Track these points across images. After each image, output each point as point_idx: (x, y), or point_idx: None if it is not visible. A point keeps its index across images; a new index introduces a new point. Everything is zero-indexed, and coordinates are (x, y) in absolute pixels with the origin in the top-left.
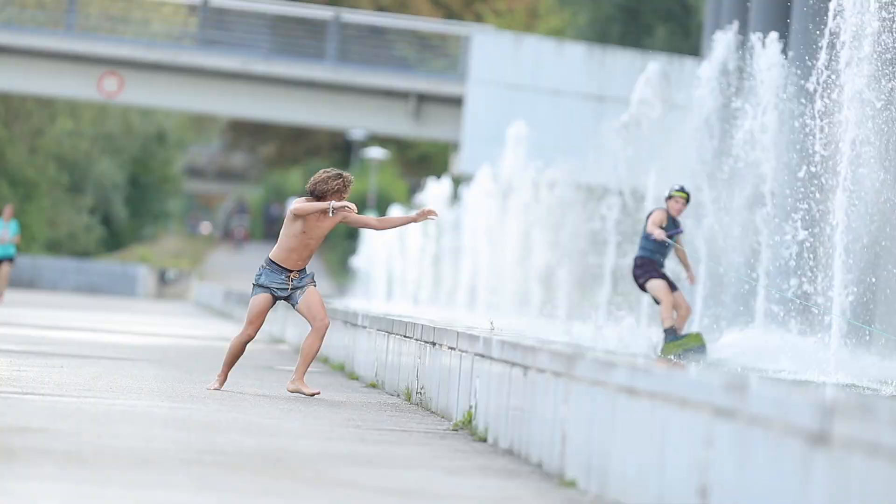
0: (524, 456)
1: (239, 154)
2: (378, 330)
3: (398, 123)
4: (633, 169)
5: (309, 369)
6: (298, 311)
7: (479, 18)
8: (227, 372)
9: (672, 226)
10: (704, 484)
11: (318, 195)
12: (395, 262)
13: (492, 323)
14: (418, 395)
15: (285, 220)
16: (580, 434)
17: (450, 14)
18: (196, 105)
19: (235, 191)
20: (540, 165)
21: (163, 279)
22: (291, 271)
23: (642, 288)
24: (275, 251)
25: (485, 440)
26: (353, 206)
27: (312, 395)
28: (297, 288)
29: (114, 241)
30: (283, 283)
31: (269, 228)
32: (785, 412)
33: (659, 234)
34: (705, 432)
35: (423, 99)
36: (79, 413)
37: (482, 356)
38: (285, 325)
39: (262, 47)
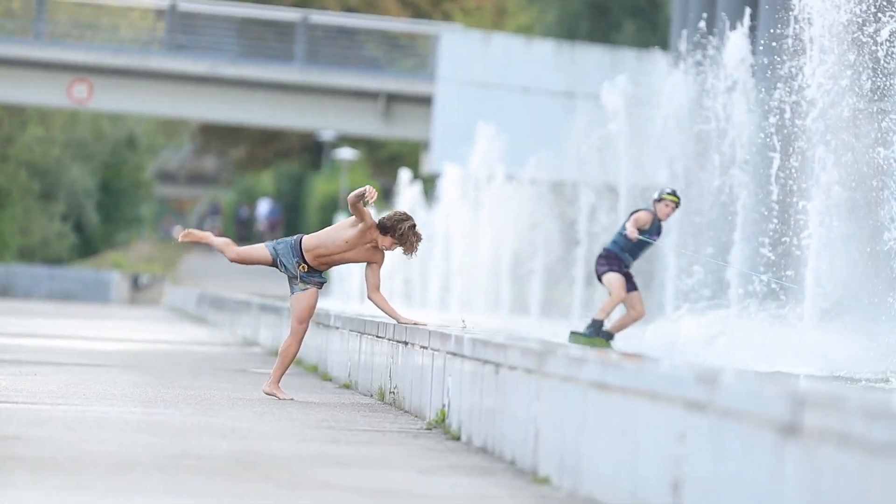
0: (497, 453)
1: (210, 157)
2: (351, 330)
3: (368, 124)
4: (605, 165)
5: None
6: (290, 301)
7: (447, 17)
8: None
9: (655, 230)
10: (677, 478)
11: (385, 229)
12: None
13: (464, 321)
14: (391, 395)
15: (343, 223)
16: (553, 431)
17: (418, 13)
18: (166, 109)
19: (207, 194)
20: (511, 163)
21: (136, 285)
22: (307, 264)
23: (600, 279)
24: (310, 237)
25: (458, 438)
26: (374, 192)
27: (287, 400)
28: (303, 280)
29: (86, 247)
30: (292, 266)
31: (240, 231)
32: (756, 404)
33: (633, 234)
34: (678, 426)
35: (392, 99)
36: (53, 420)
37: (454, 354)
38: (258, 327)
39: (230, 50)
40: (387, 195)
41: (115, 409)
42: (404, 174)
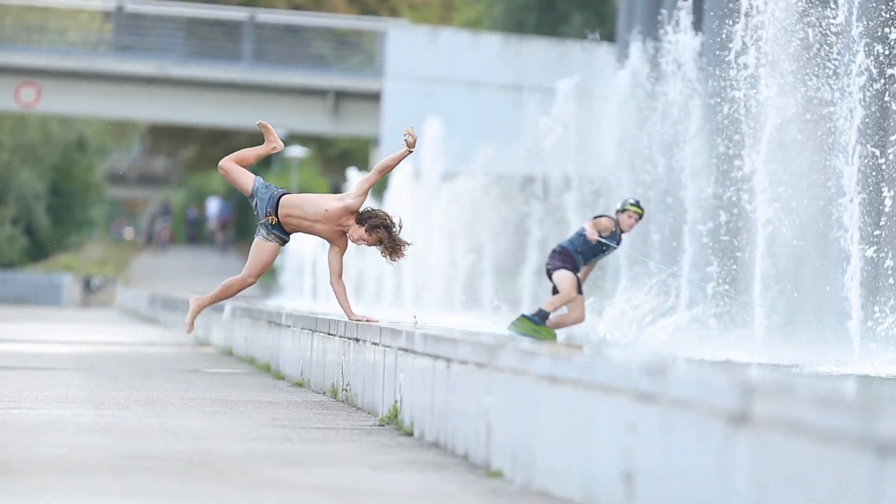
0: (450, 448)
1: (160, 158)
2: (302, 328)
3: (317, 121)
4: (555, 159)
5: (235, 371)
6: (252, 246)
7: (394, 13)
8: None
9: (614, 240)
10: (629, 469)
11: (361, 220)
12: (319, 262)
13: (415, 317)
14: (344, 392)
15: (332, 195)
16: (505, 424)
17: (365, 10)
18: (114, 111)
19: (158, 195)
20: (459, 157)
21: (88, 287)
22: (277, 218)
23: (549, 275)
24: (291, 197)
25: (411, 434)
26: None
27: (189, 329)
28: (267, 230)
29: (37, 250)
30: (262, 212)
31: (190, 231)
32: (706, 394)
33: (592, 235)
34: (628, 417)
35: (341, 96)
36: (5, 424)
37: (405, 350)
38: (210, 327)
39: (177, 51)
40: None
41: (68, 411)
42: (352, 173)
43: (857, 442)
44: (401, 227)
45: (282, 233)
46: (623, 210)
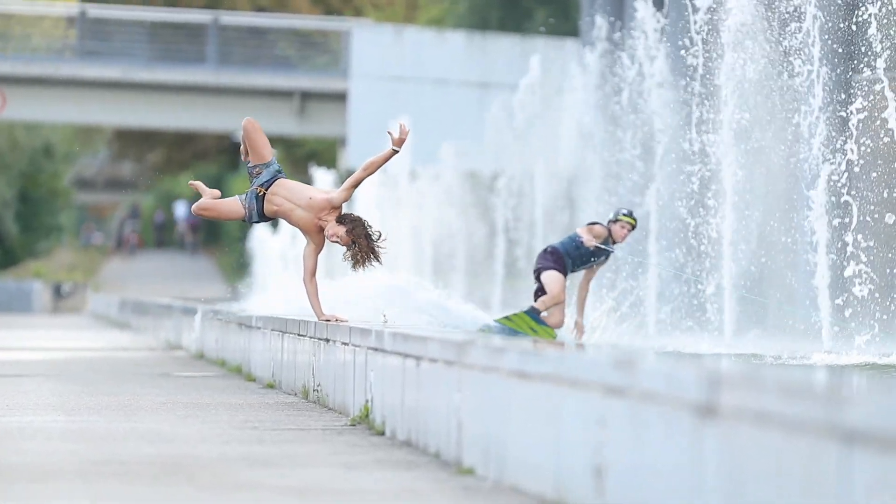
0: (422, 446)
1: (127, 163)
2: (272, 330)
3: (284, 122)
4: (521, 154)
5: (206, 374)
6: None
7: (358, 13)
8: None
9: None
10: (600, 463)
11: (341, 220)
12: (290, 262)
13: (384, 316)
14: (315, 393)
15: (321, 188)
16: (476, 421)
17: (329, 10)
18: (80, 116)
19: (126, 199)
20: (426, 155)
21: (58, 293)
22: (265, 191)
23: (538, 274)
24: (286, 181)
25: (383, 433)
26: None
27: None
28: (249, 197)
29: (7, 257)
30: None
31: (158, 235)
32: (674, 387)
33: (590, 242)
34: (598, 412)
35: (306, 97)
36: None
37: (375, 350)
38: (181, 331)
39: (142, 55)
40: None
41: (39, 418)
42: (318, 173)
43: (823, 431)
44: (380, 239)
45: (258, 211)
46: (616, 220)
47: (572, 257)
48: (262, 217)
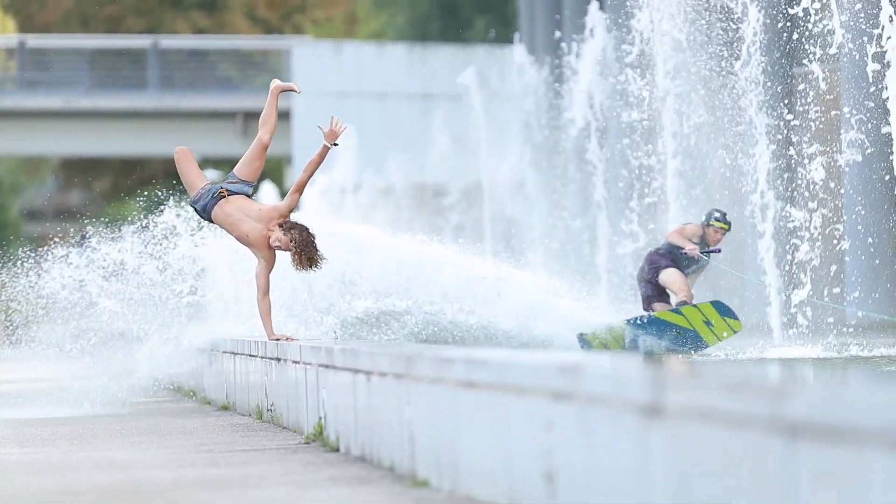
0: (376, 461)
1: (75, 191)
2: (223, 352)
3: (228, 143)
4: (466, 163)
5: (160, 399)
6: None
7: (298, 30)
8: None
9: (704, 247)
10: (550, 468)
11: (285, 226)
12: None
13: (335, 332)
14: (269, 413)
15: (270, 205)
16: (427, 433)
17: (269, 29)
18: (24, 148)
19: (76, 228)
20: (372, 169)
21: (12, 323)
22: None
23: (654, 276)
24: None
25: (337, 450)
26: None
27: None
28: (210, 195)
29: None
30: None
31: None
32: (619, 388)
33: (693, 251)
34: (546, 417)
35: (250, 116)
36: None
37: (326, 366)
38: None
39: (83, 83)
40: None
41: None
42: (265, 186)
43: (767, 425)
44: (318, 253)
45: (207, 207)
46: (708, 225)
47: (679, 256)
48: (207, 213)
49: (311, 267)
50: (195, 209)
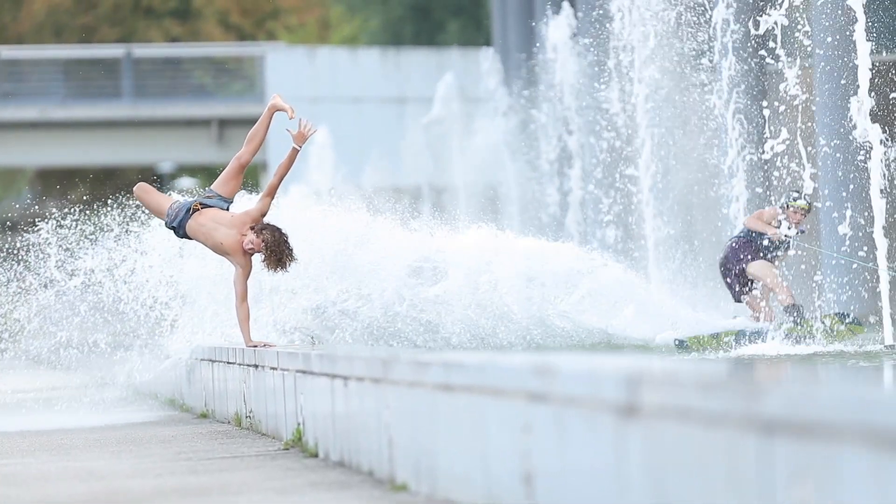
0: (355, 466)
1: (52, 201)
2: (202, 359)
3: (203, 151)
4: (441, 165)
5: (139, 408)
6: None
7: (272, 37)
8: None
9: (790, 229)
10: (528, 470)
11: (257, 228)
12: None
13: (313, 338)
14: (248, 420)
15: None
16: (405, 437)
17: (242, 36)
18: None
19: (54, 238)
20: (348, 173)
21: None
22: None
23: (742, 270)
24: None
25: (316, 455)
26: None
27: None
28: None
29: None
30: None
31: None
32: (594, 388)
33: (776, 234)
34: (523, 419)
35: (224, 124)
36: None
37: (304, 372)
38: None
39: (57, 93)
40: None
41: None
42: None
43: (742, 423)
44: (291, 255)
45: (180, 223)
46: (787, 207)
47: (759, 242)
48: (182, 228)
49: (280, 268)
50: (172, 229)
